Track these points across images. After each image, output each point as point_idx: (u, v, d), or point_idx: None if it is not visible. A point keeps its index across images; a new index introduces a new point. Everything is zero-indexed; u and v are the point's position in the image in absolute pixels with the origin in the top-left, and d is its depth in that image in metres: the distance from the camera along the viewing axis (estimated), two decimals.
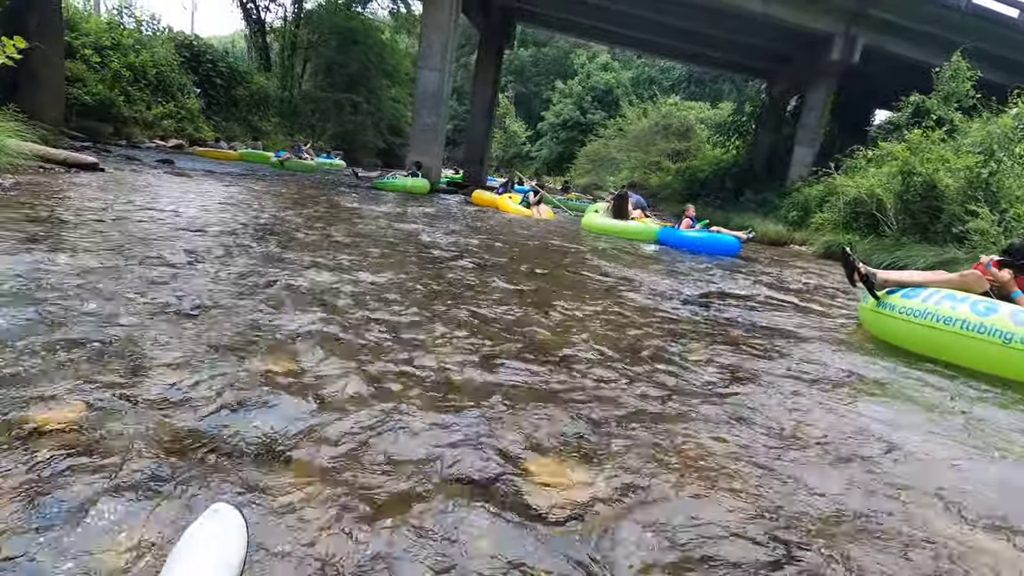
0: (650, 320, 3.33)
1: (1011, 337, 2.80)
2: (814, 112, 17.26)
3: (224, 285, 2.80)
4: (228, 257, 3.47)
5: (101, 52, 17.18)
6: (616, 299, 3.85)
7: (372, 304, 2.83)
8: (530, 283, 4.06)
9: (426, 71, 13.14)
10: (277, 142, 24.57)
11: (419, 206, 9.62)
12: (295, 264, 3.55)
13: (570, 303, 3.50)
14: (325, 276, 3.34)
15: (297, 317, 2.40)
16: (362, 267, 3.78)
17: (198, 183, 7.68)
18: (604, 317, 3.24)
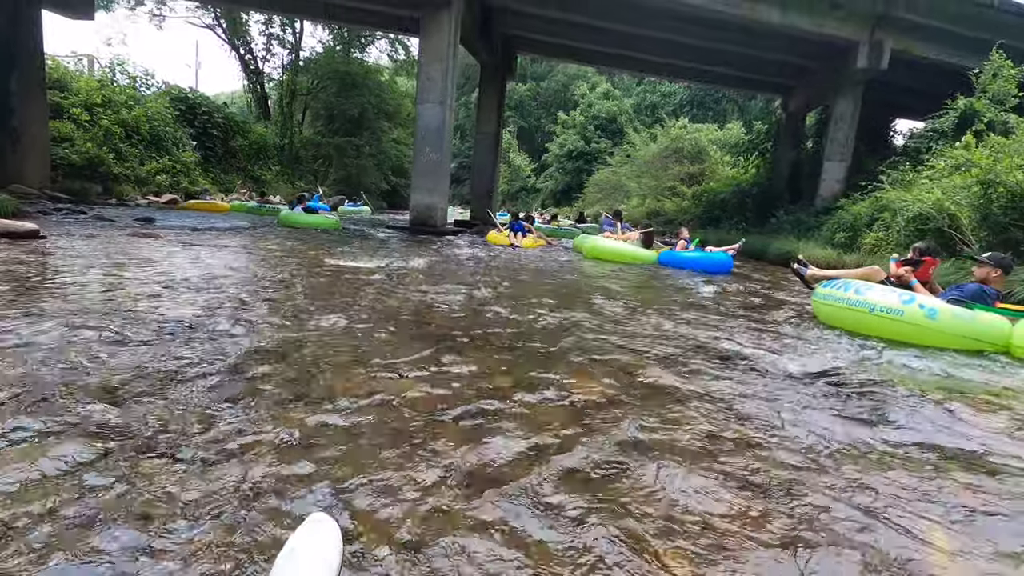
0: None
1: (901, 312, 4.12)
2: (842, 124, 16.15)
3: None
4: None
5: (91, 110, 16.59)
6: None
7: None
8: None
9: (427, 105, 12.23)
10: (279, 190, 23.97)
11: (432, 256, 8.46)
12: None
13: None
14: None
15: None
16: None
17: (160, 246, 6.58)
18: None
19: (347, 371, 2.54)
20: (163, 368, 2.38)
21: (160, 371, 2.34)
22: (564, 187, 47.45)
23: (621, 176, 32.99)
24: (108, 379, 2.20)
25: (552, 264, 8.63)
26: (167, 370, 2.36)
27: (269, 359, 2.63)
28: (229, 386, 2.23)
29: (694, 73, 20.29)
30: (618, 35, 16.31)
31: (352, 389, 2.31)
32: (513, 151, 51.79)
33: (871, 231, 10.75)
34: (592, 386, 2.58)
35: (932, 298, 4.23)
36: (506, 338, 3.42)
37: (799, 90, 19.49)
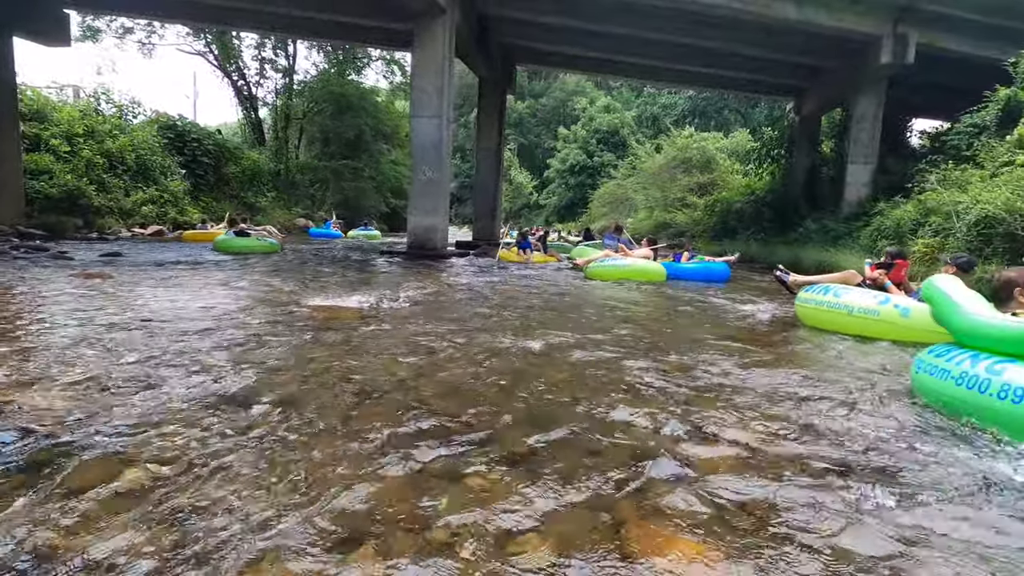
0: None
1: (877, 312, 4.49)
2: (865, 124, 15.16)
3: None
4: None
5: (71, 141, 15.79)
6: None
7: None
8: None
9: (422, 119, 11.29)
10: (274, 217, 23.11)
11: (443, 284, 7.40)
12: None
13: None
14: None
15: None
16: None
17: (98, 289, 5.54)
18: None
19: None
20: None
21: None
22: (568, 202, 46.61)
23: (627, 189, 32.06)
24: None
25: (564, 288, 7.55)
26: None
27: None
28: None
29: (701, 78, 19.43)
30: (621, 40, 15.45)
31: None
32: (514, 168, 51.11)
33: (918, 237, 9.64)
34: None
35: (905, 298, 4.63)
36: (530, 436, 2.32)
37: (813, 92, 18.54)
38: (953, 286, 2.87)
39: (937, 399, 2.71)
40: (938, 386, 2.68)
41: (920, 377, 2.90)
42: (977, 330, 2.59)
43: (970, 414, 2.46)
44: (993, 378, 2.39)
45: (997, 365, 2.43)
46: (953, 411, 2.56)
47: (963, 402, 2.50)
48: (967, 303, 2.72)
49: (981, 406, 2.40)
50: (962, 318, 2.68)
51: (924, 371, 2.86)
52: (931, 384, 2.76)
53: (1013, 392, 2.28)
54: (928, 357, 2.89)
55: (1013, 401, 2.27)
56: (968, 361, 2.56)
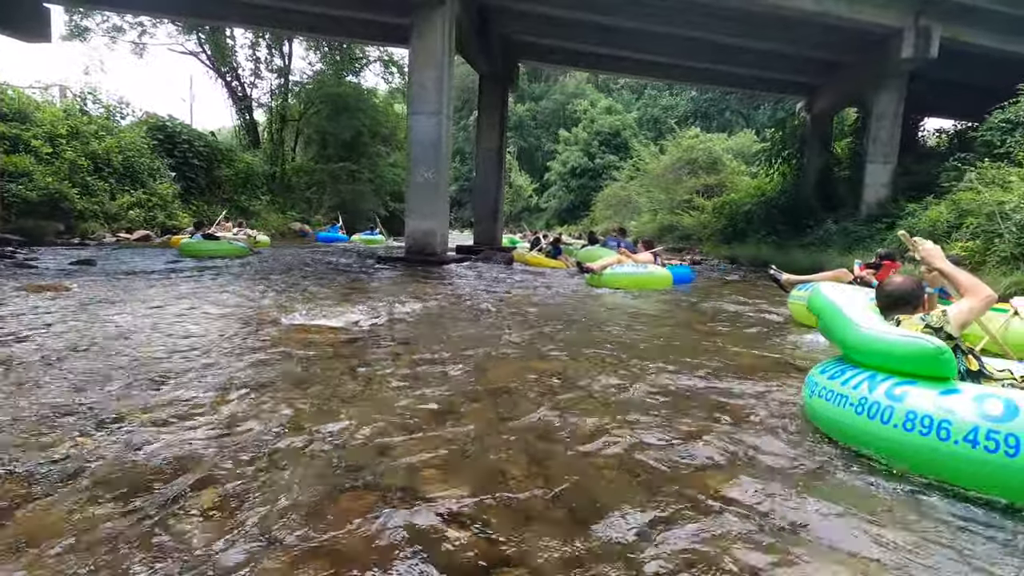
0: None
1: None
2: (884, 122, 14.47)
3: None
4: None
5: (53, 142, 15.07)
6: None
7: None
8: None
9: (420, 116, 10.59)
10: (269, 221, 22.39)
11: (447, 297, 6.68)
12: None
13: None
14: None
15: None
16: None
17: (45, 304, 4.82)
18: None
19: None
20: None
21: None
22: (569, 205, 45.86)
23: (630, 191, 31.35)
24: None
25: (576, 300, 6.84)
26: None
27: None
28: None
29: (711, 75, 18.72)
30: (628, 35, 14.77)
31: None
32: (514, 171, 50.45)
33: (953, 240, 8.94)
34: None
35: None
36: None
37: (826, 89, 17.86)
38: (843, 296, 2.59)
39: (835, 429, 2.38)
40: (835, 415, 2.34)
41: (814, 403, 2.52)
42: (872, 346, 2.29)
43: (873, 447, 2.18)
44: (896, 405, 2.10)
45: (897, 389, 2.14)
46: (853, 442, 2.27)
47: (864, 433, 2.20)
48: (858, 315, 2.42)
49: (885, 438, 2.12)
50: (855, 333, 2.37)
51: (819, 395, 2.49)
52: (827, 412, 2.41)
53: (920, 422, 2.01)
54: (822, 379, 2.52)
55: (921, 432, 2.00)
56: (866, 384, 2.26)
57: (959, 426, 1.93)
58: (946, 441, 1.94)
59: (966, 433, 1.90)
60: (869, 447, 2.21)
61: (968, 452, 1.89)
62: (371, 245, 19.43)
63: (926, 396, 2.06)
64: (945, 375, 2.11)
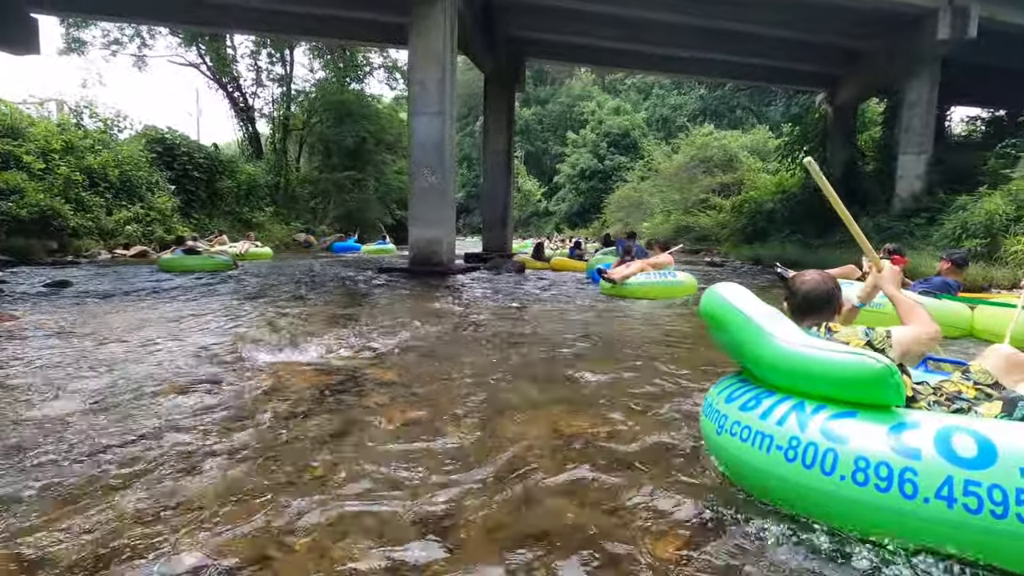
0: None
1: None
2: (917, 110, 13.56)
3: None
4: None
5: (46, 158, 14.58)
6: None
7: None
8: None
9: (422, 117, 9.89)
10: (272, 233, 21.84)
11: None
12: None
13: None
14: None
15: None
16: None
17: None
18: None
19: None
20: None
21: None
22: (579, 208, 45.06)
23: (642, 192, 30.52)
24: None
25: (601, 315, 6.05)
26: None
27: None
28: None
29: (727, 68, 17.89)
30: (638, 26, 14.02)
31: None
32: (522, 176, 49.79)
33: (1014, 234, 8.04)
34: None
35: (908, 292, 4.42)
36: None
37: (849, 78, 16.97)
38: (746, 299, 1.98)
39: (760, 484, 1.75)
40: (759, 463, 1.71)
41: (725, 444, 1.86)
42: (798, 365, 1.71)
43: (820, 512, 1.61)
44: (838, 448, 1.55)
45: (836, 423, 1.60)
46: (790, 504, 1.68)
47: (804, 491, 1.62)
48: (773, 324, 1.84)
49: (832, 498, 1.56)
50: (772, 347, 1.78)
51: (729, 432, 1.84)
52: (746, 459, 1.76)
53: (875, 472, 1.48)
54: (730, 409, 1.88)
55: (878, 487, 1.47)
56: (794, 418, 1.68)
57: (927, 477, 1.42)
58: (912, 500, 1.42)
59: (938, 487, 1.40)
60: (814, 511, 1.61)
61: (945, 514, 1.39)
62: (382, 255, 18.83)
63: (874, 434, 1.53)
64: (893, 402, 1.61)
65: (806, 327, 1.94)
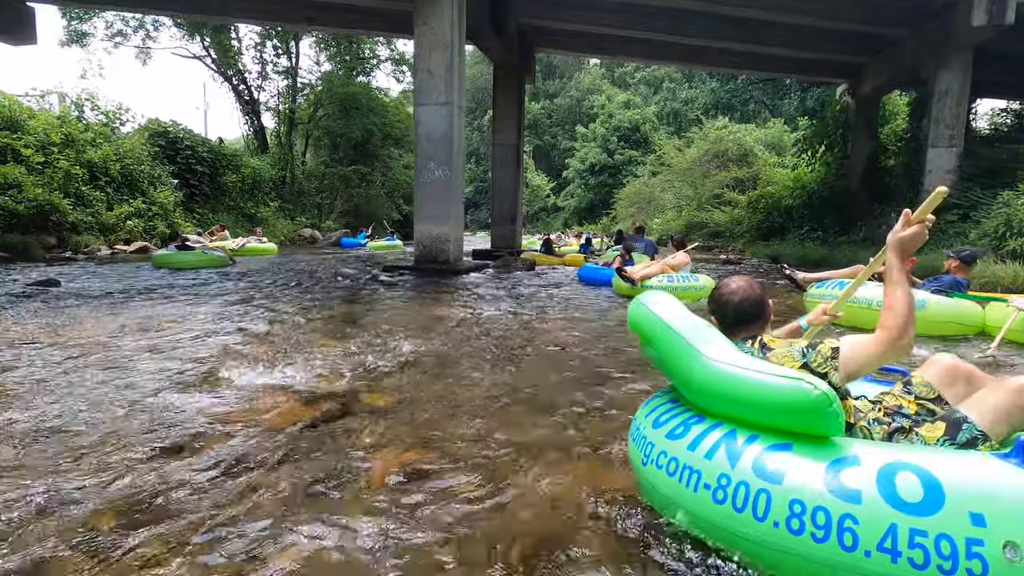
0: None
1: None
2: (948, 101, 12.87)
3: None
4: None
5: (46, 151, 14.23)
6: None
7: None
8: None
9: (428, 108, 9.39)
10: (277, 228, 21.49)
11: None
12: None
13: None
14: None
15: None
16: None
17: None
18: None
19: None
20: None
21: None
22: (588, 204, 44.40)
23: (654, 188, 29.87)
24: None
25: (623, 325, 5.54)
26: None
27: None
28: None
29: (745, 59, 17.20)
30: (655, 13, 13.43)
31: None
32: (531, 171, 49.19)
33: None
34: None
35: (921, 291, 4.64)
36: None
37: (873, 69, 16.26)
38: (676, 312, 1.77)
39: (690, 520, 1.53)
40: (687, 501, 1.51)
41: (651, 477, 1.65)
42: (729, 389, 1.48)
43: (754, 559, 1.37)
44: (772, 489, 1.34)
45: (770, 458, 1.38)
46: (724, 544, 1.44)
47: (734, 536, 1.39)
48: (704, 341, 1.62)
49: (765, 546, 1.33)
50: (704, 368, 1.56)
51: (652, 461, 1.65)
52: (667, 493, 1.58)
53: (811, 519, 1.27)
54: (657, 436, 1.68)
55: (815, 537, 1.26)
56: (723, 450, 1.46)
57: (869, 525, 1.25)
58: (853, 552, 1.24)
59: (881, 538, 1.23)
60: (750, 562, 1.42)
61: (889, 570, 1.20)
62: (391, 251, 18.42)
63: (811, 472, 1.36)
64: (831, 433, 1.43)
65: (738, 342, 1.72)
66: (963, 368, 1.72)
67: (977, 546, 1.15)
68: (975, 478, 1.24)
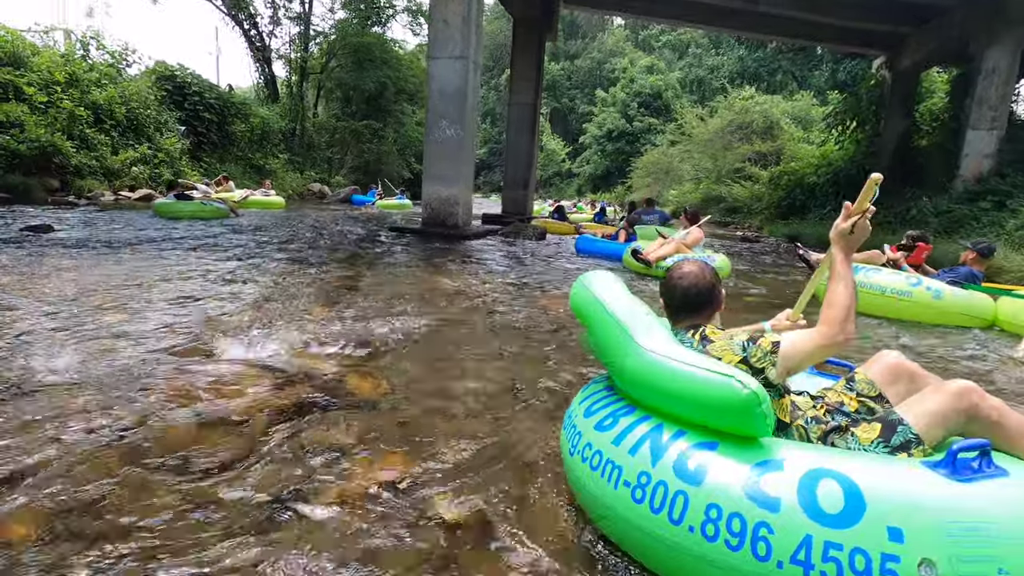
0: None
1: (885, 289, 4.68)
2: (995, 80, 12.13)
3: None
4: None
5: (49, 90, 13.83)
6: None
7: None
8: None
9: (442, 60, 8.88)
10: (286, 181, 21.11)
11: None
12: None
13: None
14: None
15: None
16: None
17: None
18: None
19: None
20: None
21: None
22: (604, 171, 43.43)
23: (672, 158, 29.00)
24: None
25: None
26: None
27: None
28: None
29: (776, 25, 16.25)
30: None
31: None
32: (546, 134, 47.99)
33: None
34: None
35: (937, 281, 4.76)
36: None
37: (915, 41, 15.34)
38: (617, 295, 1.69)
39: (606, 521, 1.46)
40: (605, 497, 1.43)
41: (572, 466, 1.58)
42: (659, 381, 1.41)
43: (665, 567, 1.33)
44: (690, 492, 1.27)
45: (692, 458, 1.32)
46: (638, 553, 1.40)
47: (651, 541, 1.32)
48: (642, 328, 1.53)
49: (681, 553, 1.27)
50: (637, 357, 1.47)
51: (578, 452, 1.55)
52: (593, 489, 1.47)
53: (727, 527, 1.21)
54: (587, 425, 1.58)
55: (729, 545, 1.20)
56: (647, 446, 1.39)
57: (784, 535, 1.15)
58: (765, 562, 1.15)
59: (795, 549, 1.14)
60: (665, 569, 1.35)
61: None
62: (401, 210, 18.05)
63: (732, 475, 1.25)
64: (759, 434, 1.32)
65: (680, 331, 1.68)
66: (907, 367, 1.66)
67: (892, 562, 1.08)
68: (899, 489, 1.17)
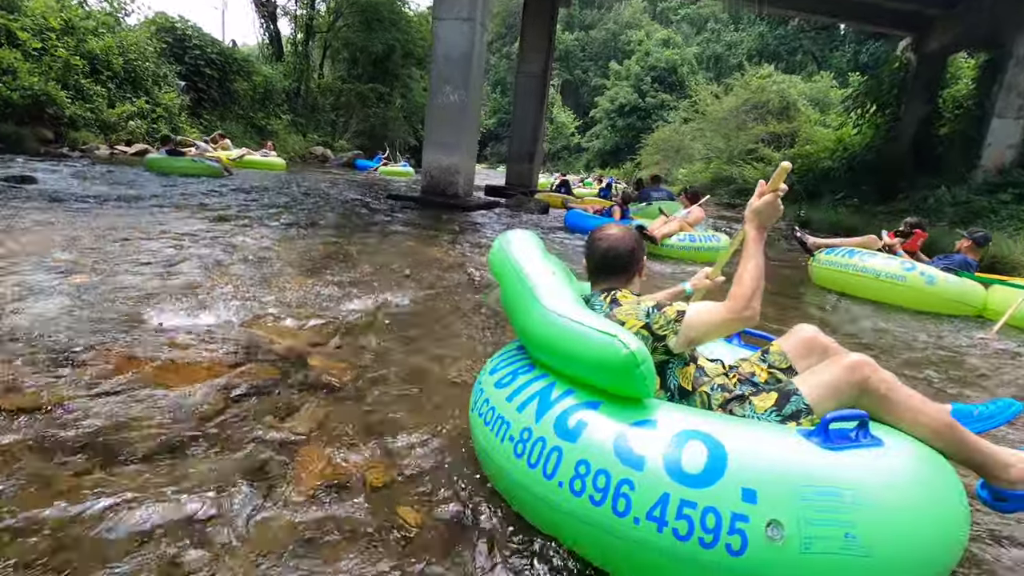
0: None
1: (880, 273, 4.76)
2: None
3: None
4: None
5: (43, 36, 13.38)
6: None
7: None
8: None
9: (447, 21, 8.44)
10: (288, 143, 20.66)
11: None
12: None
13: None
14: None
15: None
16: None
17: None
18: None
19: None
20: None
21: None
22: (613, 147, 42.60)
23: (684, 136, 28.32)
24: None
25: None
26: None
27: None
28: None
29: (807, 2, 15.59)
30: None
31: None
32: (556, 107, 46.99)
33: None
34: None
35: (930, 267, 4.76)
36: None
37: (944, 23, 14.70)
38: (530, 253, 1.74)
39: (494, 475, 1.52)
40: (492, 451, 1.46)
41: (472, 422, 1.62)
42: (551, 338, 1.43)
43: (542, 521, 1.37)
44: (564, 447, 1.30)
45: (574, 416, 1.33)
46: (520, 507, 1.44)
47: (526, 494, 1.37)
48: (546, 288, 1.54)
49: (549, 507, 1.31)
50: (536, 315, 1.49)
51: (477, 408, 1.60)
52: (484, 443, 1.51)
53: (592, 482, 1.23)
54: (487, 381, 1.62)
55: (592, 500, 1.23)
56: (535, 404, 1.42)
57: (643, 492, 1.18)
58: (623, 517, 1.18)
59: (651, 506, 1.16)
60: (541, 524, 1.37)
61: (653, 538, 1.15)
62: (402, 177, 17.66)
63: (606, 434, 1.27)
64: (640, 395, 1.32)
65: (596, 293, 1.71)
66: (821, 341, 1.67)
67: (741, 522, 1.10)
68: (764, 453, 1.17)
